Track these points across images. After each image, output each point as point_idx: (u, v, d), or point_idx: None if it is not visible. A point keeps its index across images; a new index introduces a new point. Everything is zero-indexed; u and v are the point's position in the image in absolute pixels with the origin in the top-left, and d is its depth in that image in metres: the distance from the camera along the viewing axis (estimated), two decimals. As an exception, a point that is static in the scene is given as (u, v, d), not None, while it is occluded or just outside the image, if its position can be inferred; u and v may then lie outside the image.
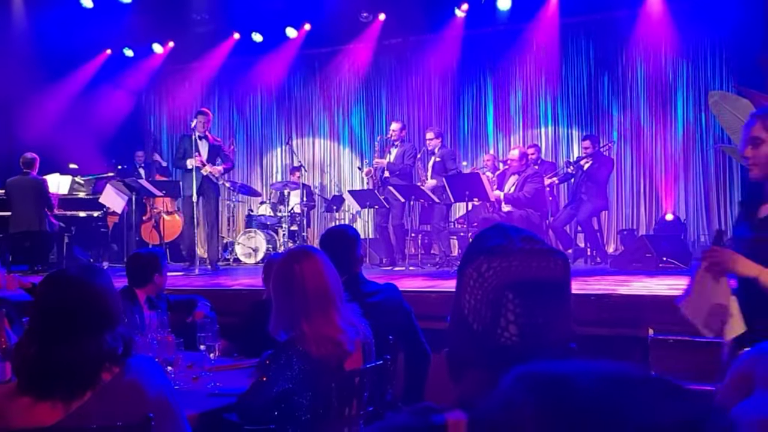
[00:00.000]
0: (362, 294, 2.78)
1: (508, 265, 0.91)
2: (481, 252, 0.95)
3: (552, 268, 0.93)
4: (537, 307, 0.90)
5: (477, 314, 0.93)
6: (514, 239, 0.94)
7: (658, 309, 3.82)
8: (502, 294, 0.91)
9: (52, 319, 1.66)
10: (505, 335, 0.91)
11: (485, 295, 0.92)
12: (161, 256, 3.66)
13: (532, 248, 0.93)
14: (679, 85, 8.65)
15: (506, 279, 0.91)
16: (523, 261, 0.92)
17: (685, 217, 8.42)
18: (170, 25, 9.24)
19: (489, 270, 0.92)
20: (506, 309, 0.90)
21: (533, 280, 0.91)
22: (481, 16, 8.79)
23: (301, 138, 10.51)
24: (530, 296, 0.90)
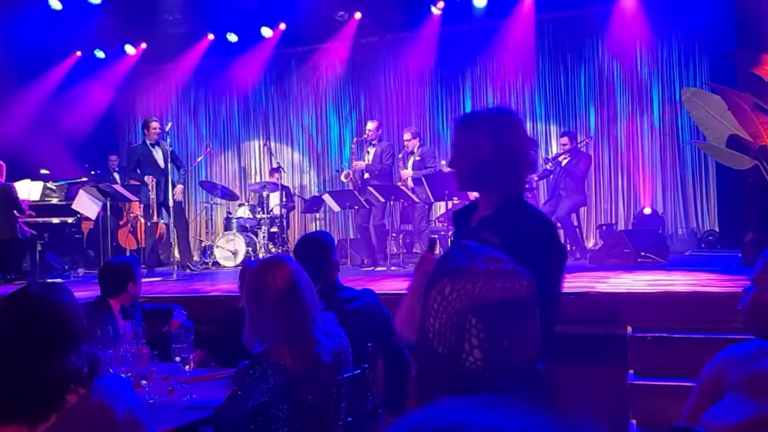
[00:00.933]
0: (339, 301, 2.75)
1: (472, 287, 0.90)
2: (445, 273, 0.93)
3: (516, 288, 0.91)
4: (501, 330, 0.89)
5: (442, 338, 0.91)
6: (479, 259, 0.93)
7: (636, 306, 3.84)
8: (465, 318, 0.89)
9: (14, 340, 1.61)
10: (470, 359, 0.89)
11: (449, 319, 0.90)
12: (135, 264, 3.59)
13: (496, 269, 0.91)
14: (655, 80, 8.73)
15: (470, 302, 0.89)
16: (486, 282, 0.90)
17: (662, 210, 8.50)
18: (142, 26, 9.11)
19: (452, 293, 0.90)
20: (470, 334, 0.88)
21: (497, 302, 0.89)
22: (458, 13, 8.80)
23: (279, 139, 10.43)
24: (494, 319, 0.89)
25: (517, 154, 1.80)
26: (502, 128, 1.83)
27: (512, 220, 1.76)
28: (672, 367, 3.32)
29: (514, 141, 1.81)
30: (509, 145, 1.80)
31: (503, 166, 1.79)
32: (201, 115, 10.74)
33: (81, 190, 6.98)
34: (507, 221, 1.75)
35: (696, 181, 8.54)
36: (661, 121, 8.69)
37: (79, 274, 7.47)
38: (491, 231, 1.70)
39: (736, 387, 1.34)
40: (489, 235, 1.66)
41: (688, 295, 3.83)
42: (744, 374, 1.35)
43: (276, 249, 8.07)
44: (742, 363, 1.37)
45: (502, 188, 1.83)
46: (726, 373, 1.38)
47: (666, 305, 3.78)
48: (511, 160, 1.80)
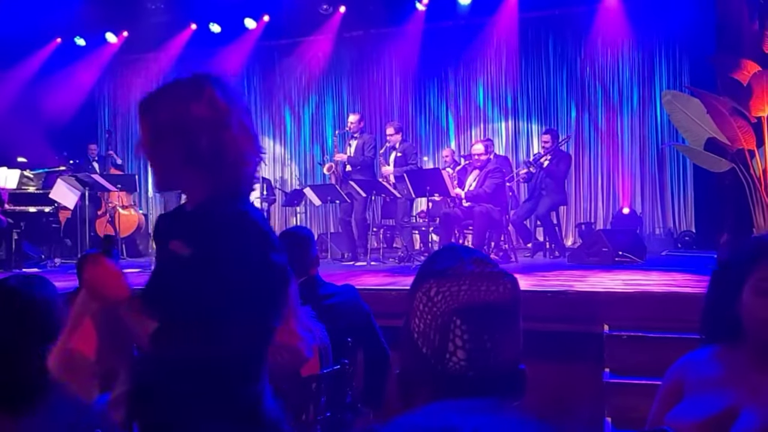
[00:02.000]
0: (319, 297, 2.75)
1: (458, 289, 0.91)
2: (432, 275, 0.94)
3: (501, 291, 0.92)
4: (485, 332, 0.90)
5: (426, 339, 0.92)
6: (465, 261, 0.94)
7: (612, 305, 3.90)
8: (450, 319, 0.90)
9: (-7, 333, 1.60)
10: (453, 360, 0.90)
11: (434, 320, 0.91)
12: (115, 255, 3.54)
13: (482, 271, 0.93)
14: (635, 81, 8.84)
15: (454, 304, 0.90)
16: (472, 285, 0.91)
17: (640, 211, 8.63)
18: (124, 14, 8.98)
19: (438, 294, 0.92)
20: (454, 335, 0.90)
21: (482, 304, 0.91)
22: (442, 9, 8.81)
23: (261, 131, 10.36)
24: (478, 321, 0.90)
25: (216, 135, 1.36)
26: (186, 103, 1.37)
27: (205, 227, 1.37)
28: (647, 365, 3.38)
29: (209, 118, 1.36)
30: (199, 124, 1.36)
31: (195, 156, 1.36)
32: (182, 106, 10.62)
33: (59, 179, 6.88)
34: (200, 229, 1.38)
35: (674, 183, 8.67)
36: (641, 123, 8.81)
37: (56, 263, 7.38)
38: (183, 241, 1.39)
39: (694, 389, 1.39)
40: (179, 246, 1.39)
41: (664, 295, 3.90)
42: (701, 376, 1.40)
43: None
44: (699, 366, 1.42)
45: (200, 185, 1.41)
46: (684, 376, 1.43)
47: (642, 304, 3.84)
48: (204, 145, 1.35)
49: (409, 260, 6.74)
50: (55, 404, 1.60)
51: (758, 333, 1.31)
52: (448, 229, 6.50)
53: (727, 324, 1.36)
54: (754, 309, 1.32)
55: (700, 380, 1.38)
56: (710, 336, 1.44)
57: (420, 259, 6.73)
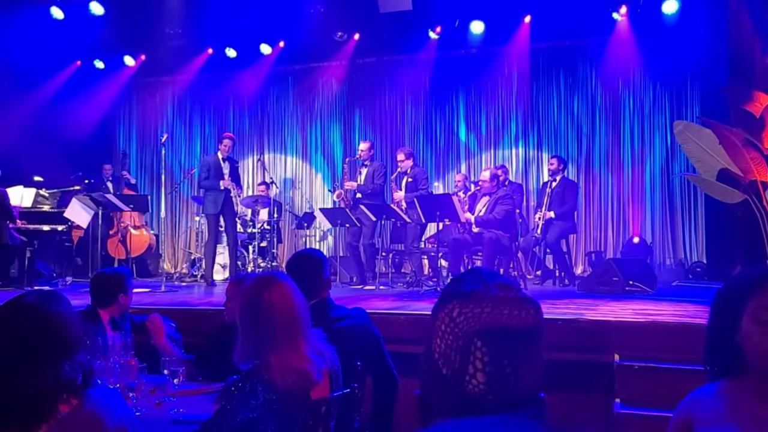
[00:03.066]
0: (330, 319, 2.75)
1: (480, 311, 0.92)
2: (456, 296, 0.95)
3: (524, 316, 0.93)
4: (506, 356, 0.90)
5: (446, 359, 0.93)
6: (490, 285, 0.95)
7: (623, 334, 3.87)
8: (471, 341, 0.91)
9: (9, 349, 1.61)
10: (473, 383, 0.90)
11: (455, 341, 0.92)
12: (127, 275, 3.57)
13: (505, 295, 0.93)
14: (647, 111, 8.87)
15: (476, 326, 0.91)
16: (494, 308, 0.92)
17: (651, 240, 8.58)
18: (143, 38, 9.16)
19: (460, 315, 0.92)
20: (474, 357, 0.90)
21: (504, 328, 0.91)
22: (454, 38, 8.93)
23: (274, 154, 10.46)
24: (499, 345, 0.90)
25: None
26: None
27: None
28: (659, 397, 3.33)
29: None
30: None
31: None
32: (196, 128, 10.77)
33: (74, 198, 6.96)
34: None
35: (685, 213, 8.64)
36: (652, 152, 8.82)
37: (67, 282, 7.42)
38: None
39: (702, 426, 1.39)
40: None
41: (675, 326, 3.86)
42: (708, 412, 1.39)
43: (265, 263, 8.06)
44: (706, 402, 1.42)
45: None
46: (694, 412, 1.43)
47: (654, 335, 3.80)
48: None
49: (417, 285, 6.72)
50: (67, 420, 1.60)
51: (759, 363, 1.31)
52: (458, 254, 6.49)
53: (730, 355, 1.35)
54: (753, 339, 1.31)
55: (708, 416, 1.38)
56: (714, 368, 1.44)
57: (429, 284, 6.71)
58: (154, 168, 10.71)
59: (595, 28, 8.45)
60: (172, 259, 10.26)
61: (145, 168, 10.89)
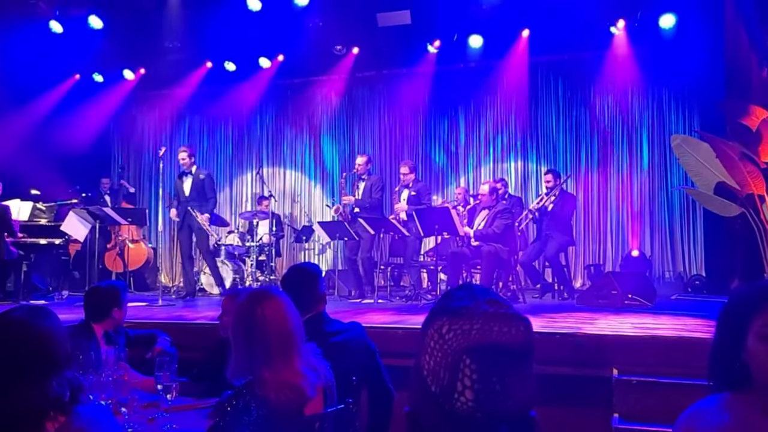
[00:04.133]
0: (325, 333, 2.73)
1: (469, 328, 0.90)
2: (446, 312, 0.93)
3: (513, 333, 0.91)
4: (495, 373, 0.88)
5: (435, 376, 0.91)
6: (480, 301, 0.93)
7: (622, 349, 3.84)
8: (459, 358, 0.89)
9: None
10: (461, 400, 0.88)
11: (444, 358, 0.90)
12: (122, 289, 3.55)
13: (495, 312, 0.92)
14: (645, 124, 8.89)
15: (465, 343, 0.89)
16: (484, 324, 0.90)
17: (650, 253, 8.56)
18: (142, 51, 9.19)
19: (450, 332, 0.90)
20: (463, 374, 0.88)
21: (493, 345, 0.89)
22: (453, 52, 8.96)
23: (272, 167, 10.47)
24: (488, 362, 0.89)
25: None
26: None
27: None
28: (658, 412, 3.31)
29: None
30: None
31: None
32: (195, 142, 10.77)
33: (71, 211, 6.94)
34: None
35: (684, 226, 8.63)
36: (651, 166, 8.82)
37: (63, 296, 7.38)
38: None
39: None
40: None
41: (675, 340, 3.83)
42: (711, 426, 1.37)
43: (263, 277, 8.03)
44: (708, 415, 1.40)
45: None
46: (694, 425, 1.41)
47: (652, 349, 3.78)
48: None
49: (416, 299, 6.70)
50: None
51: (764, 379, 1.30)
52: (456, 268, 6.47)
53: (734, 370, 1.34)
54: (758, 355, 1.30)
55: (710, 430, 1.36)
56: (718, 383, 1.42)
57: (428, 298, 6.68)
58: (152, 181, 10.71)
59: (592, 42, 8.48)
60: (170, 272, 10.22)
61: (143, 181, 10.89)
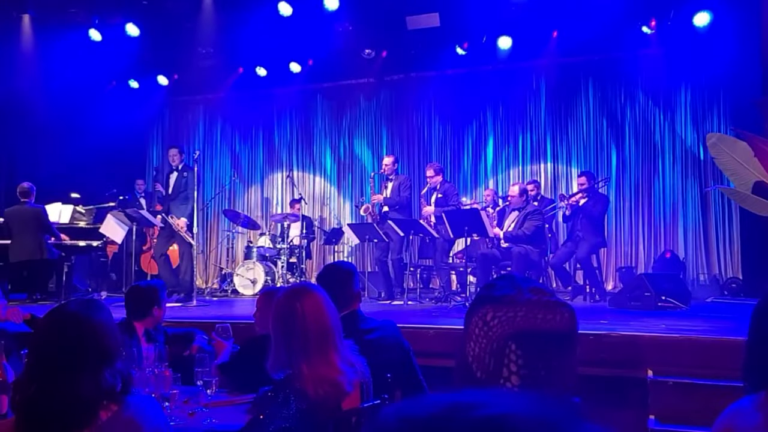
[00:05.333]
0: (360, 331, 2.76)
1: (514, 315, 0.92)
2: (489, 301, 0.95)
3: (557, 320, 0.92)
4: (539, 359, 0.90)
5: (480, 363, 0.93)
6: (523, 290, 0.95)
7: (657, 350, 3.80)
8: (505, 344, 0.91)
9: (52, 356, 1.65)
10: (507, 385, 0.91)
11: (489, 345, 0.92)
12: (161, 288, 3.64)
13: (539, 300, 0.94)
14: (678, 123, 8.76)
15: (510, 329, 0.91)
16: (528, 312, 0.92)
17: (683, 255, 8.43)
18: (176, 58, 9.37)
19: (494, 319, 0.92)
20: (509, 359, 0.90)
21: (537, 332, 0.91)
22: (482, 54, 8.94)
23: (302, 170, 10.58)
24: (534, 348, 0.90)
25: None
26: None
27: None
28: (695, 414, 3.27)
29: None
30: None
31: None
32: (227, 145, 10.95)
33: (109, 214, 7.11)
34: None
35: (719, 227, 8.47)
36: (684, 165, 8.69)
37: (101, 296, 7.57)
38: None
39: None
40: None
41: (711, 342, 3.78)
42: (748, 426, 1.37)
43: (294, 279, 8.12)
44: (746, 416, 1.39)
45: None
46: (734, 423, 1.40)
47: (688, 350, 3.73)
48: None
49: (446, 300, 6.70)
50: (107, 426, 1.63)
51: None
52: (486, 269, 6.46)
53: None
54: None
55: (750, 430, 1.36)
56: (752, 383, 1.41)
57: (457, 300, 6.68)
58: (186, 185, 10.90)
59: (624, 41, 8.39)
60: (204, 274, 10.39)
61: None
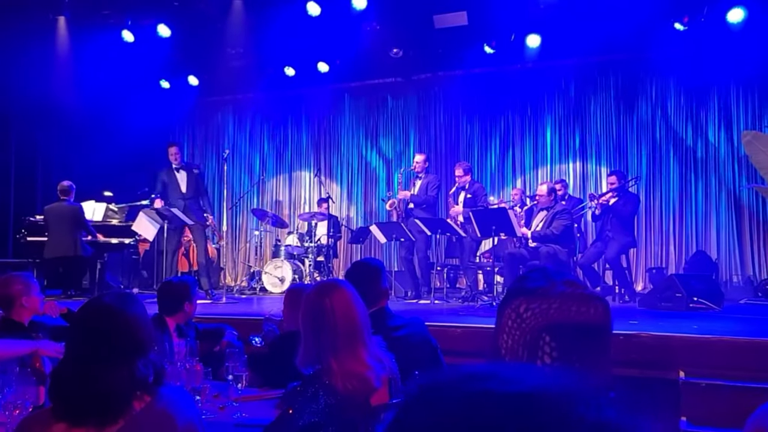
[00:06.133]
0: (388, 328, 2.78)
1: (548, 307, 0.91)
2: (522, 293, 0.95)
3: (591, 313, 0.92)
4: (574, 351, 0.90)
5: (514, 355, 0.93)
6: (557, 282, 0.95)
7: (689, 351, 3.74)
8: (539, 336, 0.91)
9: (88, 346, 1.68)
10: None
11: (523, 336, 0.92)
12: (192, 284, 3.71)
13: (573, 292, 0.93)
14: (710, 121, 8.59)
15: (544, 321, 0.91)
16: (562, 304, 0.91)
17: (716, 256, 8.26)
18: (206, 58, 9.50)
19: (527, 311, 0.92)
20: (543, 352, 0.90)
21: (571, 324, 0.90)
22: (510, 53, 8.88)
23: (329, 170, 10.63)
24: (568, 340, 0.90)
25: None
26: None
27: None
28: (727, 416, 3.21)
29: None
30: None
31: None
32: (255, 145, 11.07)
33: (141, 212, 7.24)
34: None
35: (753, 227, 8.28)
36: (716, 163, 8.51)
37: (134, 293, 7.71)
38: None
39: None
40: None
41: (745, 343, 3.70)
42: None
43: (321, 277, 8.17)
44: None
45: None
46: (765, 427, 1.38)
47: (722, 352, 3.66)
48: None
49: (473, 300, 6.68)
50: (140, 416, 1.67)
51: None
52: (514, 269, 6.42)
53: None
54: None
55: None
56: None
57: (484, 299, 6.65)
58: (215, 183, 11.05)
59: (655, 39, 8.25)
60: (233, 272, 10.52)
61: (207, 183, 11.25)
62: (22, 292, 3.17)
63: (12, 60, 7.93)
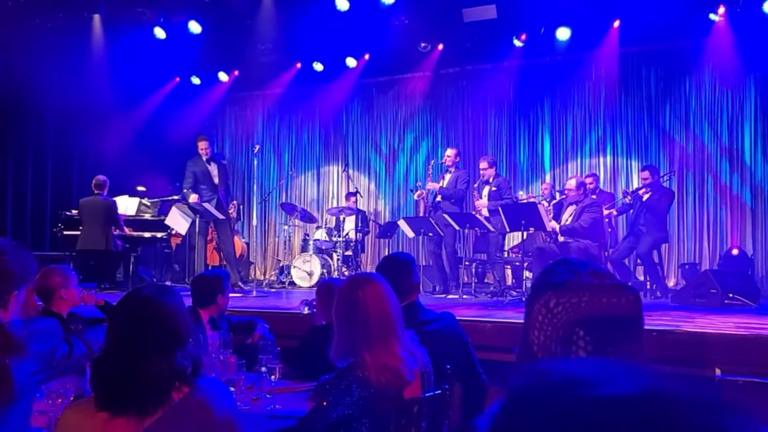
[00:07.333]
0: (419, 322, 2.78)
1: (578, 300, 0.90)
2: (549, 287, 0.94)
3: (623, 303, 0.91)
4: (608, 343, 0.89)
5: (546, 350, 0.92)
6: (582, 274, 0.94)
7: (725, 348, 3.67)
8: (572, 330, 0.90)
9: (127, 337, 1.72)
10: None
11: (555, 332, 0.91)
12: (225, 277, 3.76)
13: (601, 283, 0.92)
14: (746, 114, 8.39)
15: (576, 315, 0.90)
16: (593, 296, 0.90)
17: (752, 252, 8.08)
18: (236, 54, 9.59)
19: (558, 306, 0.91)
20: (577, 346, 0.89)
21: (604, 316, 0.89)
22: (540, 45, 8.79)
23: (358, 164, 10.66)
24: (601, 332, 0.89)
25: None
26: None
27: None
28: (765, 414, 3.14)
29: None
30: None
31: None
32: (284, 140, 11.14)
33: (173, 206, 7.35)
34: None
35: (791, 223, 8.08)
36: (752, 158, 8.32)
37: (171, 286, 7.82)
38: None
39: None
40: None
41: (784, 340, 3.62)
42: None
43: (349, 272, 8.21)
44: None
45: None
46: None
47: (758, 348, 3.59)
48: None
49: (501, 295, 6.64)
50: (179, 407, 1.70)
51: None
52: (543, 264, 6.36)
53: None
54: None
55: None
56: None
57: (513, 295, 6.61)
58: (245, 178, 11.16)
59: (690, 29, 8.09)
60: (262, 266, 10.63)
61: (237, 178, 11.37)
62: (61, 284, 3.24)
63: (48, 58, 8.09)
